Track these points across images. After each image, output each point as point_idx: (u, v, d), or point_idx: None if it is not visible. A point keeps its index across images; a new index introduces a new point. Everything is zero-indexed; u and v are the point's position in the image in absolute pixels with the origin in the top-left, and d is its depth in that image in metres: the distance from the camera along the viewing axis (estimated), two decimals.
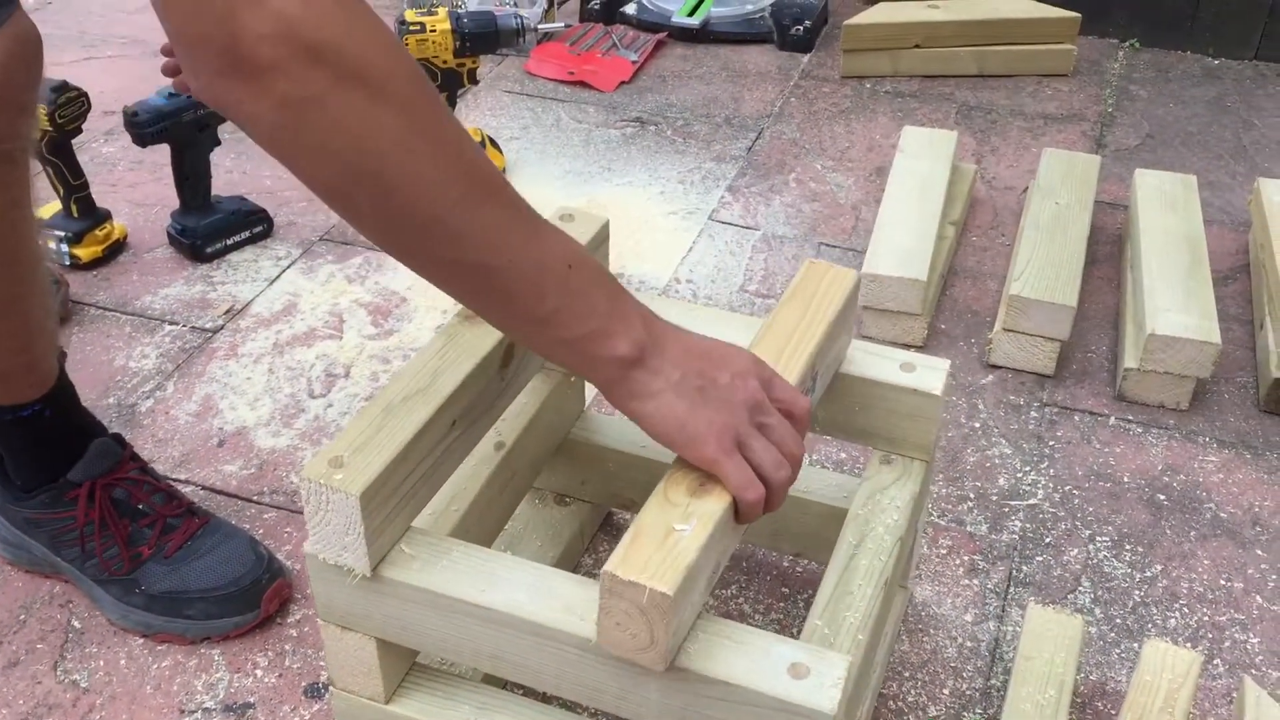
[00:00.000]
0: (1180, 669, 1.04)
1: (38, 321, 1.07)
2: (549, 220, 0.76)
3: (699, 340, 0.81)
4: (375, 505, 0.79)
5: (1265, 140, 1.99)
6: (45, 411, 1.10)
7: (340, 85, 0.64)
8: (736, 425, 0.78)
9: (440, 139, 0.69)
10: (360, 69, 0.65)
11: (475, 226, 0.71)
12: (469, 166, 0.71)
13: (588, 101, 2.10)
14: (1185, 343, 1.37)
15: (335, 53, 0.64)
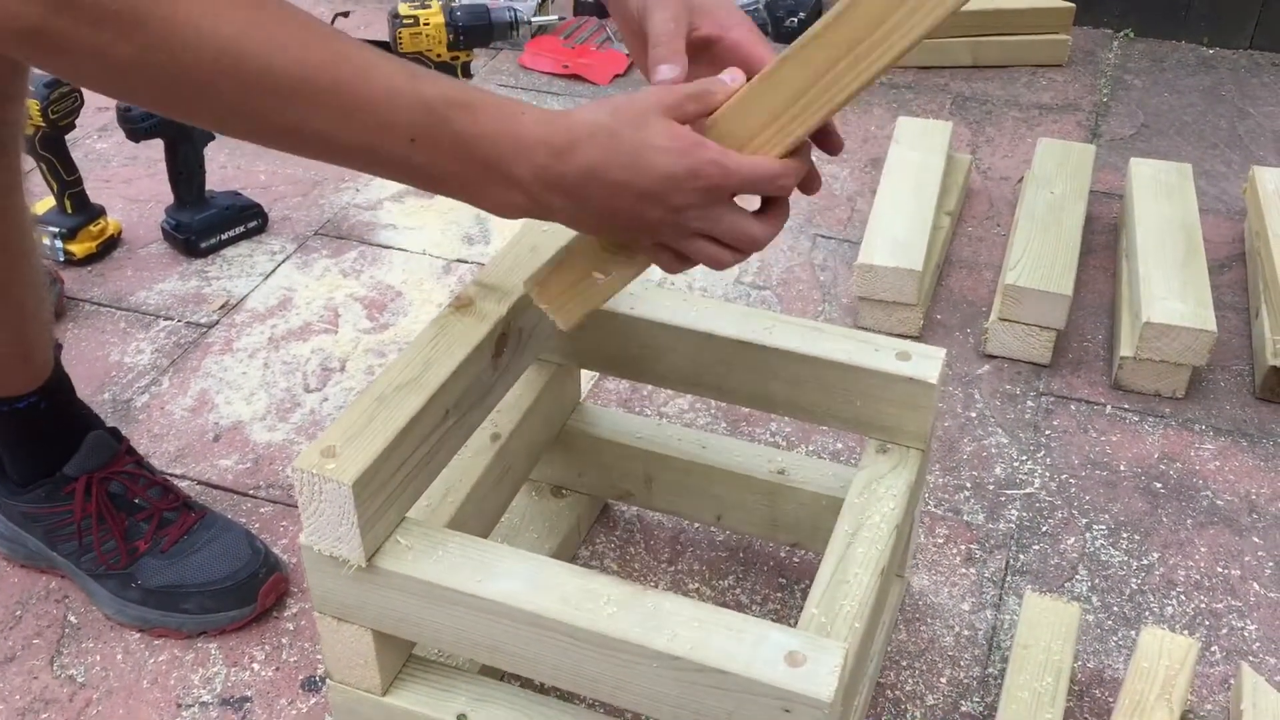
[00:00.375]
0: (1177, 656, 1.04)
1: (31, 311, 1.06)
2: (395, 75, 0.70)
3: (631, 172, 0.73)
4: (368, 495, 0.78)
5: (1260, 129, 1.99)
6: (41, 404, 1.10)
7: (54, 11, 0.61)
8: (666, 241, 0.77)
9: (192, 40, 0.64)
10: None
11: (269, 115, 0.68)
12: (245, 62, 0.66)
13: (582, 94, 2.10)
14: (1181, 331, 1.37)
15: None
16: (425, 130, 0.71)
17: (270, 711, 1.06)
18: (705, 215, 0.75)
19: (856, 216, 1.76)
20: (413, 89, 0.70)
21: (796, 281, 1.63)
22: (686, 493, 1.13)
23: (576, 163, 0.73)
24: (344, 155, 0.71)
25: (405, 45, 1.75)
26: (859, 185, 1.84)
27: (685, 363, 1.05)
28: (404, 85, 0.70)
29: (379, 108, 0.69)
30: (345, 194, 1.80)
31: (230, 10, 0.65)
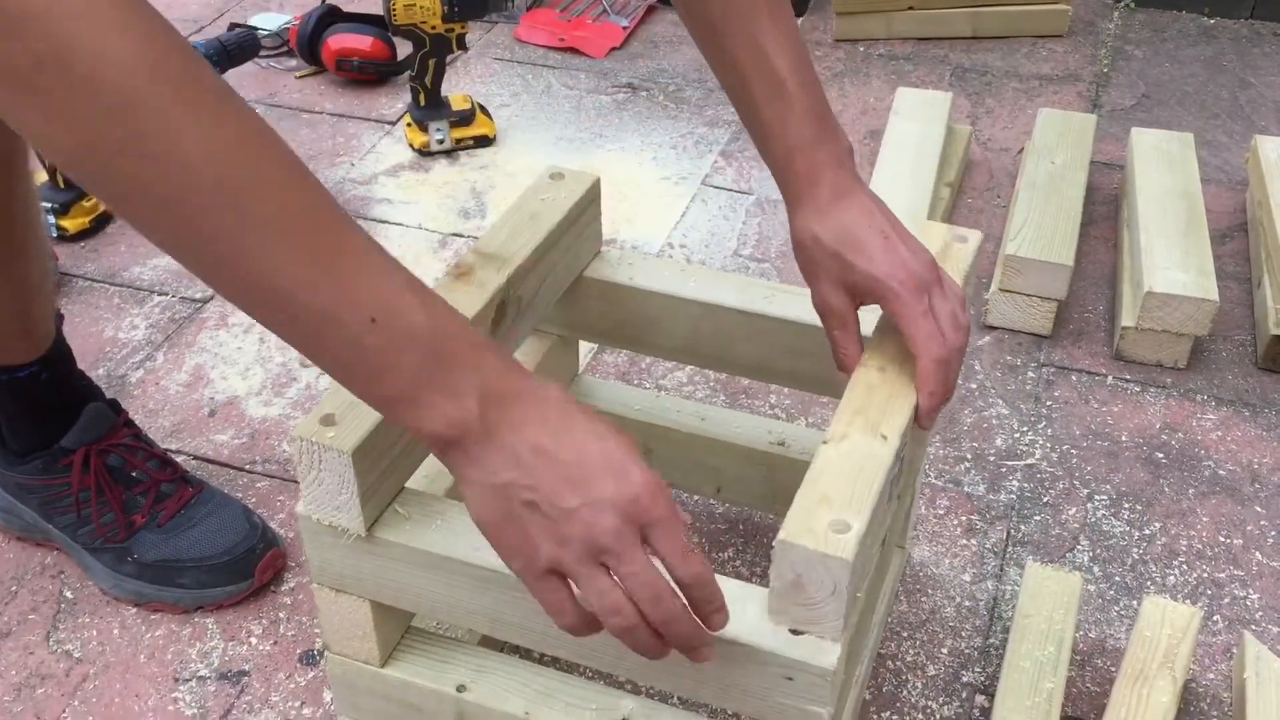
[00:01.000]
0: (1180, 624, 1.03)
1: (35, 282, 1.06)
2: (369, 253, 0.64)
3: (572, 438, 0.66)
4: (368, 463, 0.78)
5: (1262, 99, 1.98)
6: (42, 374, 1.09)
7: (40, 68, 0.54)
8: (556, 557, 0.66)
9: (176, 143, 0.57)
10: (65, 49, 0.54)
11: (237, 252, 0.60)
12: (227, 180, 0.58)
13: (578, 68, 2.08)
14: (1183, 300, 1.36)
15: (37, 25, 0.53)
16: (390, 310, 0.63)
17: (268, 685, 1.06)
18: (613, 551, 0.65)
19: None
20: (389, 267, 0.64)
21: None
22: (686, 465, 1.13)
23: (528, 392, 0.66)
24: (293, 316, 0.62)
25: (400, 18, 1.73)
26: (858, 157, 1.82)
27: (684, 333, 1.04)
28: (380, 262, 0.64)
29: (349, 274, 0.62)
30: (340, 168, 1.79)
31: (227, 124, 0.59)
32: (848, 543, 0.71)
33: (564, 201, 0.99)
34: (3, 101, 0.55)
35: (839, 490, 0.75)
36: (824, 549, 0.71)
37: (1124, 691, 0.98)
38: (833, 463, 0.77)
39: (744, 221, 1.68)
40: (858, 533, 0.72)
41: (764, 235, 1.65)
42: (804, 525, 0.73)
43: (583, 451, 0.65)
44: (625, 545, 0.65)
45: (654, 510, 0.66)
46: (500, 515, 0.66)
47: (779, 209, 1.70)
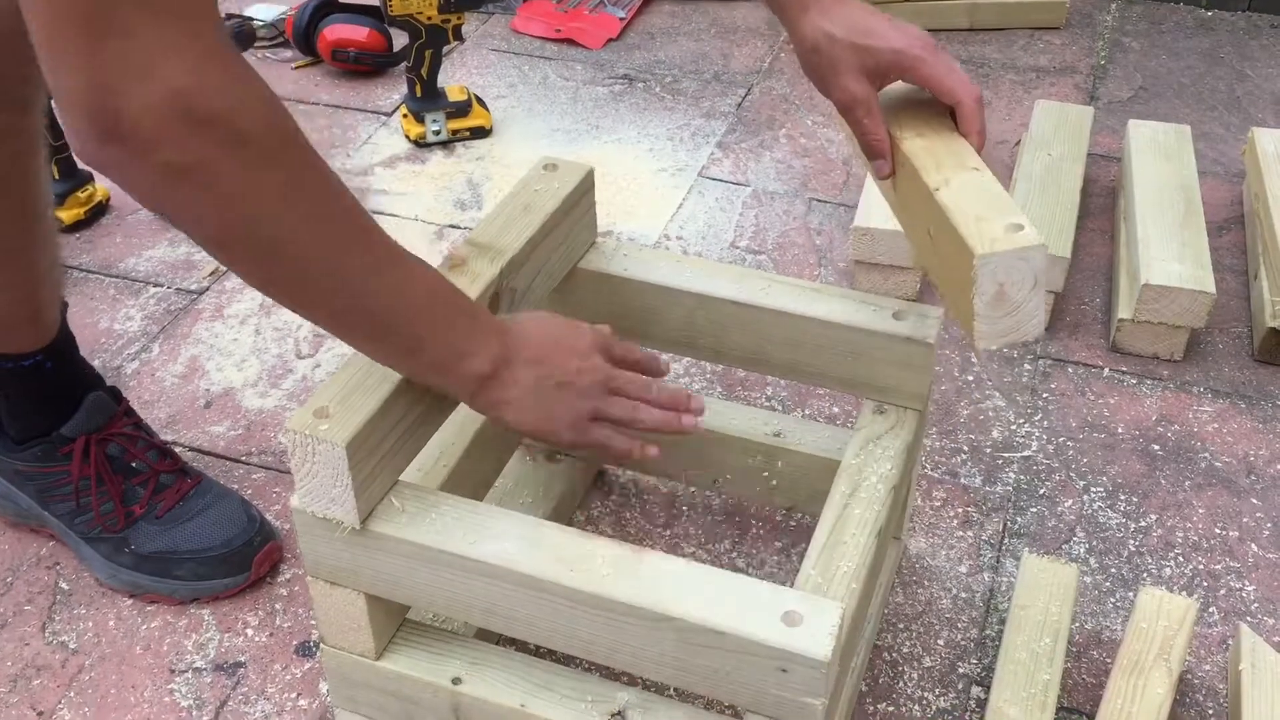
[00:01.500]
0: (1176, 616, 1.03)
1: (44, 272, 1.06)
2: (405, 249, 0.80)
3: (546, 332, 0.88)
4: (362, 456, 0.77)
5: (1259, 91, 1.98)
6: (46, 363, 1.09)
7: (224, 152, 0.66)
8: (590, 405, 0.88)
9: (318, 194, 0.72)
10: (245, 135, 0.66)
11: (351, 275, 0.75)
12: (343, 218, 0.75)
13: (575, 59, 2.08)
14: (1179, 292, 1.36)
15: (224, 122, 0.65)
16: (442, 291, 0.82)
17: (264, 676, 1.06)
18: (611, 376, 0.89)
19: (852, 180, 1.75)
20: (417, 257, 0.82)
21: (792, 246, 1.61)
22: (682, 457, 1.12)
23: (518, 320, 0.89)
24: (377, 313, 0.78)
25: (396, 8, 1.72)
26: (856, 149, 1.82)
27: (681, 324, 1.04)
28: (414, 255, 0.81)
29: (415, 267, 0.80)
30: (336, 159, 1.79)
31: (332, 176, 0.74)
32: (1031, 234, 0.80)
33: (558, 192, 0.99)
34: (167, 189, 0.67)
35: (985, 208, 0.83)
36: (1018, 244, 0.80)
37: (1120, 683, 0.98)
38: (958, 196, 0.85)
39: (741, 213, 1.68)
40: (1030, 226, 0.81)
41: (761, 227, 1.65)
42: (986, 239, 0.80)
43: (552, 334, 0.88)
44: (611, 369, 0.89)
45: (601, 338, 0.91)
46: (545, 406, 0.86)
47: (775, 200, 1.70)
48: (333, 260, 0.74)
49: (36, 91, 1.00)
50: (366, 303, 0.77)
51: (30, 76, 0.98)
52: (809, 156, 1.81)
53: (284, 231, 0.71)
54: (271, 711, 1.03)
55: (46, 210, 1.06)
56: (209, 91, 0.64)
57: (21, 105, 0.99)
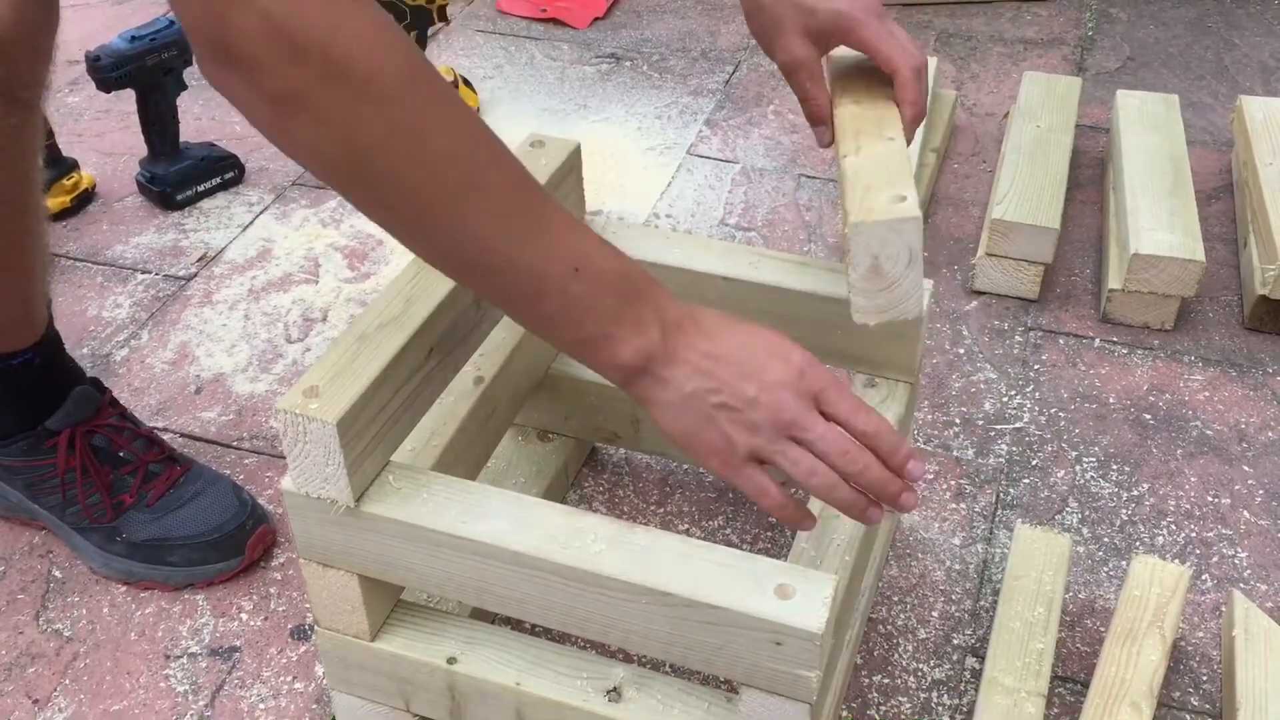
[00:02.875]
0: (1169, 583, 1.04)
1: (38, 271, 1.06)
2: (562, 213, 0.74)
3: (734, 339, 0.76)
4: (354, 434, 0.77)
5: (1247, 60, 1.97)
6: (35, 360, 1.08)
7: (324, 83, 0.64)
8: (753, 443, 0.75)
9: (426, 135, 0.68)
10: (344, 67, 0.64)
11: (466, 225, 0.70)
12: (462, 164, 0.70)
13: (561, 39, 2.07)
14: (1169, 261, 1.36)
15: (320, 51, 0.63)
16: (588, 260, 0.74)
17: (260, 660, 1.06)
18: (799, 422, 0.75)
19: None
20: (578, 223, 0.76)
21: (781, 222, 1.61)
22: None
23: (695, 314, 0.77)
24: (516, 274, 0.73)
25: None
26: None
27: None
28: (573, 220, 0.75)
29: (558, 234, 0.73)
30: None
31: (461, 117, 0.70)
32: (909, 206, 0.78)
33: (544, 169, 0.98)
34: (277, 117, 0.66)
35: (877, 178, 0.82)
36: (892, 215, 0.78)
37: (1114, 650, 0.99)
38: (861, 165, 0.84)
39: (730, 190, 1.68)
40: (914, 199, 0.78)
41: (750, 204, 1.65)
42: (864, 208, 0.79)
43: (746, 347, 0.76)
44: (805, 414, 0.75)
45: (818, 379, 0.76)
46: (695, 423, 0.75)
47: (765, 177, 1.70)
48: (446, 209, 0.70)
49: (43, 92, 1.00)
50: (486, 258, 0.71)
51: (40, 77, 0.98)
52: (797, 133, 1.80)
53: (390, 174, 0.68)
54: (267, 695, 1.03)
55: (42, 211, 1.06)
56: (302, 17, 0.63)
57: (29, 106, 0.99)
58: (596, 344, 0.75)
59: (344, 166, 0.68)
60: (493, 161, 0.71)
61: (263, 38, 0.62)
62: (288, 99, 0.64)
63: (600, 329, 0.74)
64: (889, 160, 0.84)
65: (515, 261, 0.72)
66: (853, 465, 0.75)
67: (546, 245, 0.72)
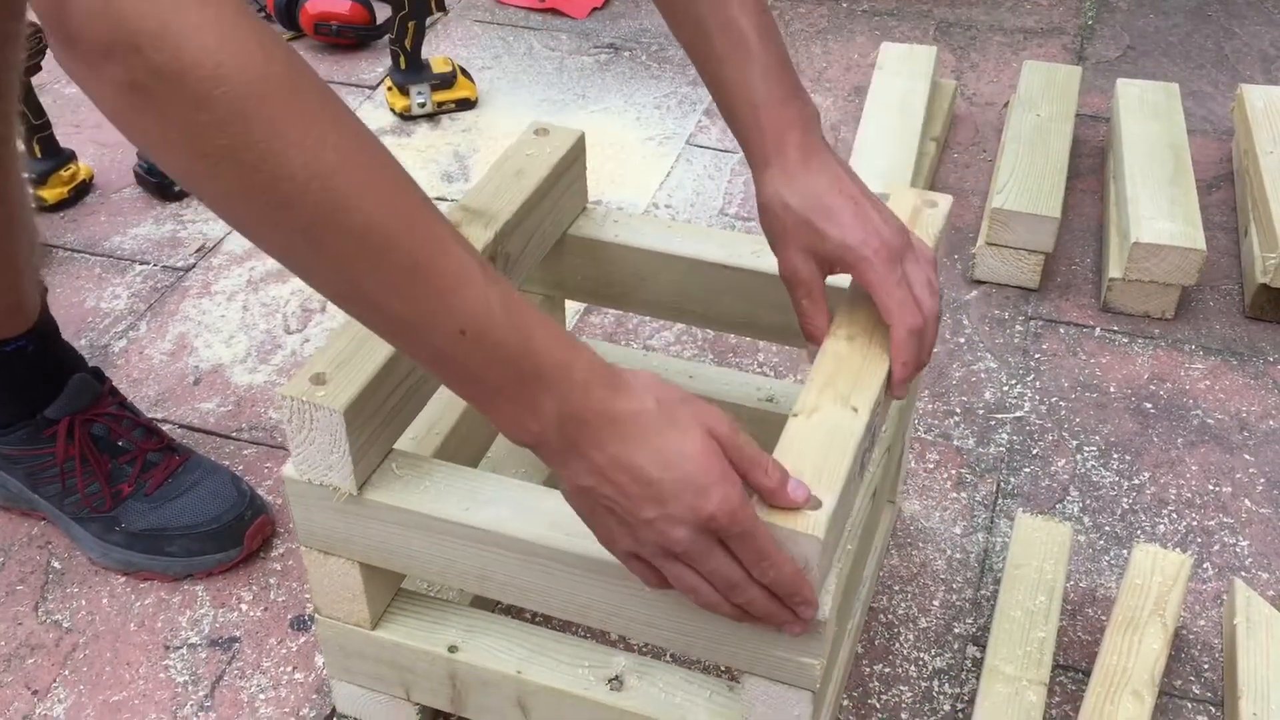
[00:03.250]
0: (1170, 571, 1.04)
1: (24, 257, 1.05)
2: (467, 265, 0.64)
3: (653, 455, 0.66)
4: (360, 421, 0.77)
5: (1247, 49, 1.97)
6: (29, 347, 1.08)
7: (160, 80, 0.57)
8: (640, 552, 0.69)
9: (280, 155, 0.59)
10: (179, 65, 0.56)
11: (327, 260, 0.62)
12: (323, 192, 0.60)
13: (560, 29, 2.06)
14: (1170, 250, 1.36)
15: (153, 44, 0.56)
16: (479, 326, 0.64)
17: (260, 651, 1.06)
18: (691, 555, 0.68)
19: (841, 145, 1.74)
20: (483, 280, 0.65)
21: None
22: None
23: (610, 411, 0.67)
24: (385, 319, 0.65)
25: None
26: (842, 114, 1.82)
27: (671, 290, 1.04)
28: (476, 275, 0.65)
29: (444, 287, 0.64)
30: None
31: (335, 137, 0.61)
32: (819, 520, 0.69)
33: (549, 157, 0.98)
34: (120, 108, 0.59)
35: (809, 464, 0.73)
36: (794, 526, 0.69)
37: (1115, 639, 0.98)
38: (802, 436, 0.75)
39: (729, 180, 1.67)
40: (828, 509, 0.70)
41: (749, 194, 1.64)
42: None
43: (664, 468, 0.66)
44: (699, 550, 0.67)
45: (731, 528, 0.67)
46: (584, 508, 0.70)
47: None
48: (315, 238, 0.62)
49: (13, 77, 0.99)
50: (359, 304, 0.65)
51: (8, 61, 0.97)
52: None
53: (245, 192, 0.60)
54: (267, 685, 1.03)
55: (24, 197, 1.05)
56: (141, 7, 0.56)
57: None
58: (480, 405, 0.68)
59: (190, 176, 0.61)
60: (372, 197, 0.62)
61: (101, 21, 0.56)
62: (129, 90, 0.58)
63: (483, 396, 0.67)
64: (833, 443, 0.75)
65: (385, 309, 0.64)
66: (738, 598, 0.70)
67: (426, 300, 0.63)
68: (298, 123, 0.60)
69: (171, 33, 0.56)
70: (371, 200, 0.62)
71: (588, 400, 0.66)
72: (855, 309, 0.85)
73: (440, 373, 0.68)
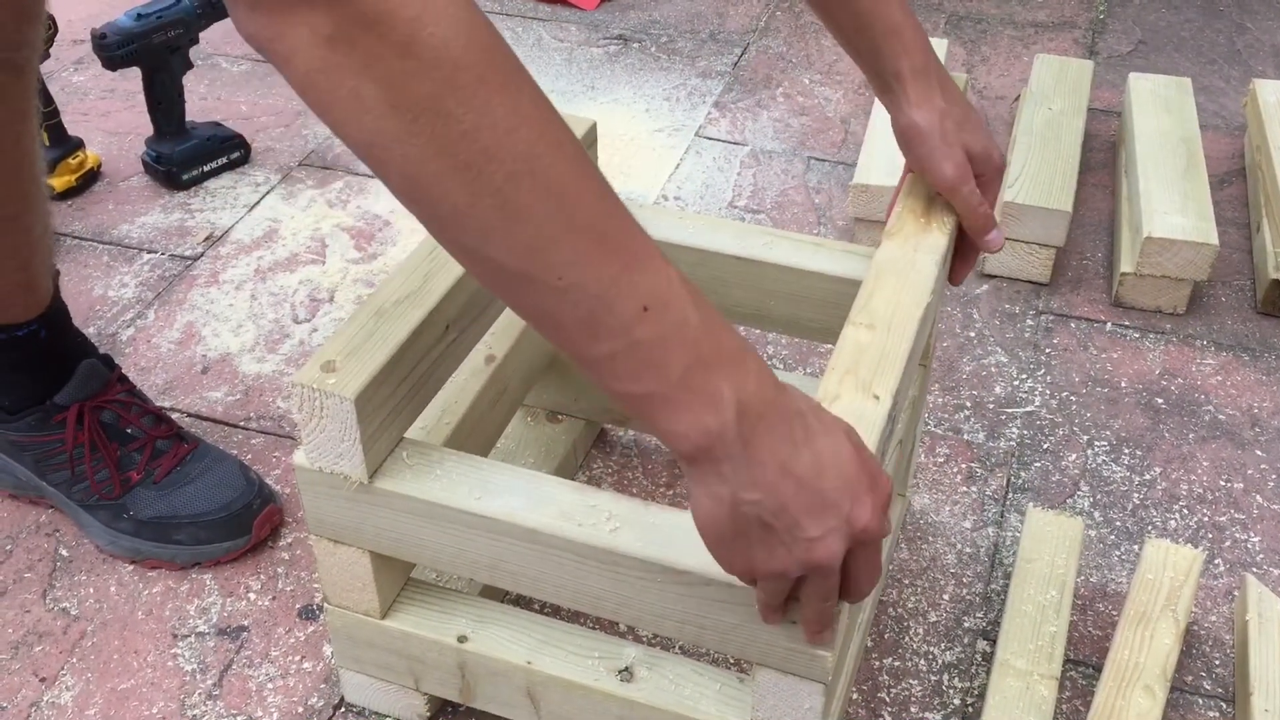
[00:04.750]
0: (1182, 567, 1.03)
1: (38, 239, 1.05)
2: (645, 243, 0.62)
3: (816, 457, 0.63)
4: (371, 410, 0.77)
5: (1259, 44, 1.96)
6: (41, 332, 1.08)
7: (365, 28, 0.55)
8: (768, 577, 0.66)
9: (484, 104, 0.57)
10: (387, 8, 0.55)
11: (518, 223, 0.59)
12: (524, 148, 0.58)
13: (569, 20, 2.06)
14: (1182, 245, 1.35)
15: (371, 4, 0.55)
16: (662, 300, 0.61)
17: (268, 640, 1.05)
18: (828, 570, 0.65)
19: (850, 139, 1.73)
20: (661, 257, 0.62)
21: (791, 205, 1.60)
22: None
23: (781, 406, 0.63)
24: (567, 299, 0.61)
25: None
26: (852, 107, 1.81)
27: None
28: (655, 250, 0.62)
29: (630, 259, 0.61)
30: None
31: (529, 90, 0.59)
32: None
33: None
34: (321, 65, 0.57)
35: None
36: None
37: (1127, 634, 0.98)
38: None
39: (739, 173, 1.67)
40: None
41: (759, 186, 1.64)
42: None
43: (825, 473, 0.63)
44: (833, 570, 0.65)
45: (873, 534, 0.65)
46: (731, 529, 0.64)
47: (774, 159, 1.69)
48: (508, 197, 0.58)
49: (32, 54, 0.98)
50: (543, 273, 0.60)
51: (28, 39, 0.97)
52: (807, 115, 1.79)
53: (442, 144, 0.57)
54: (276, 674, 1.03)
55: (40, 177, 1.05)
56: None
57: (16, 68, 0.97)
58: (654, 405, 0.62)
59: (383, 138, 0.58)
60: (567, 154, 0.60)
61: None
62: (326, 44, 0.56)
63: (661, 389, 0.61)
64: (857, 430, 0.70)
65: (570, 282, 0.59)
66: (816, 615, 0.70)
67: (613, 271, 0.60)
68: (498, 72, 0.58)
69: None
70: (565, 160, 0.59)
71: (762, 390, 0.63)
72: (873, 297, 0.86)
73: (621, 363, 0.62)
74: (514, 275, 0.61)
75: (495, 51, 0.58)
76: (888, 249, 0.90)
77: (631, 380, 0.62)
